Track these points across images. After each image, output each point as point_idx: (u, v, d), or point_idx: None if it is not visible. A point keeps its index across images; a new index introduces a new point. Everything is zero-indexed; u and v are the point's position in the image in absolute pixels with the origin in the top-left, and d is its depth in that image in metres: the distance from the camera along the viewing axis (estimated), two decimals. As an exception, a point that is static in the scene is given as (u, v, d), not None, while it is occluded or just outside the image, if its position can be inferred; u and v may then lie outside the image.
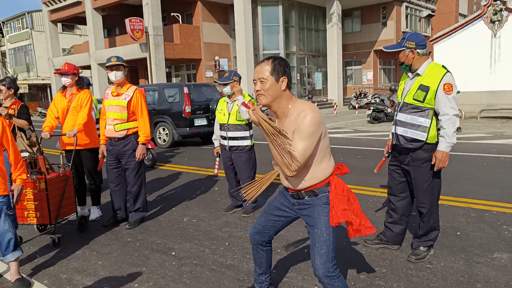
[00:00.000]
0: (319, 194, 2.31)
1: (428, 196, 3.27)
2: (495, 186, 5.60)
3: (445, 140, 3.11)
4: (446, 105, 3.08)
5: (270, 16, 24.42)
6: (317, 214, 2.31)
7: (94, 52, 26.27)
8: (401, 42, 3.22)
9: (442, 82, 3.08)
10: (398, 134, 3.31)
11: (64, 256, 3.76)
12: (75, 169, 4.54)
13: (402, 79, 3.46)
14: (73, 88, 4.51)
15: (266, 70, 2.20)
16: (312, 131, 2.14)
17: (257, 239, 2.64)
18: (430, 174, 3.23)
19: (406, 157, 3.31)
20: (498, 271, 3.13)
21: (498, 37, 15.28)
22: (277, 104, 2.26)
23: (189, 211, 5.05)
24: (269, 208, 2.61)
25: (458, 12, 34.04)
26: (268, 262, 2.74)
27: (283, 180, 2.42)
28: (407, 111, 3.25)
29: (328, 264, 2.25)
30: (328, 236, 2.28)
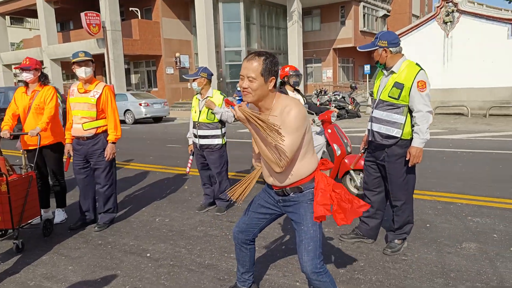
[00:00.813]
0: (304, 191, 2.30)
1: (402, 191, 3.36)
2: (456, 179, 5.88)
3: (419, 136, 3.20)
4: (420, 102, 3.17)
5: (231, 12, 24.34)
6: (303, 211, 2.30)
7: (46, 47, 25.04)
8: (374, 41, 3.29)
9: (416, 79, 3.17)
10: (373, 131, 3.38)
11: (29, 262, 3.55)
12: (38, 170, 4.30)
13: (378, 76, 3.53)
14: (35, 84, 4.26)
15: (256, 69, 2.12)
16: (298, 125, 2.13)
17: (240, 238, 2.61)
18: (404, 170, 3.32)
19: (382, 153, 3.38)
20: (468, 260, 3.28)
21: (450, 37, 16.07)
22: (262, 102, 2.23)
23: (161, 211, 4.92)
24: (253, 206, 2.58)
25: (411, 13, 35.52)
26: (251, 261, 2.72)
27: (267, 177, 2.39)
28: (382, 108, 3.32)
29: (316, 260, 2.25)
30: (315, 232, 2.27)
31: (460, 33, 15.79)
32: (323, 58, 30.31)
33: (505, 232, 3.82)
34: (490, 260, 3.26)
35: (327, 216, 2.27)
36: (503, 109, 15.01)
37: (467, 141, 9.56)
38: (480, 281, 2.95)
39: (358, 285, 2.97)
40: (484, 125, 12.36)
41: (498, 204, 4.66)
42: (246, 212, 2.61)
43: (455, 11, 15.80)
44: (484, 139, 9.65)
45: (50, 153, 4.35)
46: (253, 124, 2.11)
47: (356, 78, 31.79)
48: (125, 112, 17.81)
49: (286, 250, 3.61)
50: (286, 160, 2.15)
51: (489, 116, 14.48)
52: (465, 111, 15.25)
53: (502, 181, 5.66)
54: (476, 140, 9.54)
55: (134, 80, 27.51)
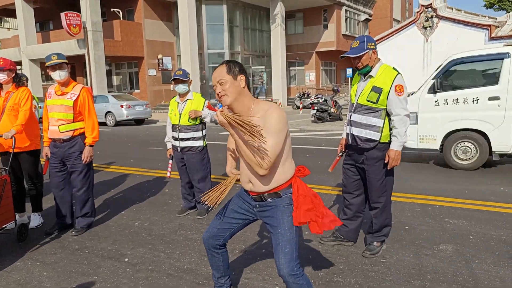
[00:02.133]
0: (283, 196, 2.32)
1: (381, 193, 3.40)
2: (435, 181, 5.98)
3: (398, 140, 3.24)
4: (398, 105, 3.22)
5: (214, 15, 24.30)
6: (280, 214, 2.31)
7: (25, 48, 24.50)
8: (361, 45, 3.26)
9: (394, 83, 3.21)
10: (353, 134, 3.40)
11: (2, 268, 3.44)
12: (13, 174, 4.18)
13: (354, 80, 3.56)
14: (10, 85, 4.15)
15: (223, 71, 2.23)
16: (280, 128, 2.16)
17: (211, 243, 2.58)
18: (383, 172, 3.36)
19: (361, 156, 3.41)
20: (445, 262, 3.33)
21: (429, 42, 16.40)
22: (240, 104, 2.24)
23: (140, 214, 4.85)
24: (226, 211, 2.57)
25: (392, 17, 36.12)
26: (225, 265, 2.69)
27: (245, 183, 2.39)
28: (361, 112, 3.34)
29: (293, 263, 2.25)
30: (292, 235, 2.28)
31: (439, 38, 16.14)
32: (306, 61, 30.52)
33: (480, 234, 3.89)
34: (466, 262, 3.31)
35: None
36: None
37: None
38: (456, 282, 2.99)
39: (337, 287, 2.98)
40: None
41: (474, 206, 4.75)
42: (217, 217, 2.60)
43: (434, 17, 16.14)
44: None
45: (26, 156, 4.25)
46: (235, 127, 2.12)
47: (338, 81, 32.10)
48: (106, 114, 17.57)
49: (266, 253, 3.60)
50: (269, 162, 2.16)
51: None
52: (444, 114, 15.55)
53: (478, 183, 5.78)
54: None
55: (115, 82, 27.16)
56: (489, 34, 15.15)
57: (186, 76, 4.47)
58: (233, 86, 2.21)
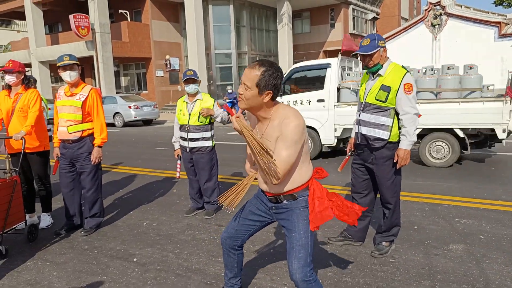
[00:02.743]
0: (298, 198, 2.27)
1: (391, 193, 3.37)
2: (444, 180, 5.92)
3: (407, 139, 3.21)
4: (407, 104, 3.18)
5: (221, 15, 24.31)
6: (295, 218, 2.26)
7: (34, 50, 24.77)
8: (373, 43, 3.21)
9: (402, 82, 3.18)
10: (362, 134, 3.38)
11: (13, 268, 3.48)
12: (23, 174, 4.23)
13: (362, 80, 3.53)
14: (19, 87, 4.19)
15: (253, 79, 2.06)
16: (297, 139, 2.07)
17: (229, 243, 2.57)
18: (392, 172, 3.33)
19: (370, 156, 3.39)
20: (455, 262, 3.29)
21: (438, 40, 16.24)
22: (257, 109, 2.17)
23: (148, 214, 4.87)
24: (244, 213, 2.54)
25: (400, 15, 35.87)
26: (239, 266, 2.69)
27: (261, 183, 2.36)
28: (369, 111, 3.32)
29: (306, 269, 2.20)
30: (307, 240, 2.22)
31: (448, 36, 15.96)
32: (313, 61, 30.42)
33: (491, 234, 3.84)
34: (476, 262, 3.28)
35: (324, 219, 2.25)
36: (491, 111, 15.16)
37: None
38: (466, 282, 2.96)
39: (346, 287, 2.96)
40: (472, 127, 12.46)
41: (485, 205, 4.70)
42: (236, 217, 2.57)
43: (443, 14, 15.98)
44: (471, 141, 9.73)
45: (35, 157, 4.29)
46: (243, 137, 2.09)
47: (346, 81, 31.93)
48: (114, 115, 17.68)
49: (274, 254, 3.59)
50: (282, 173, 2.10)
51: (476, 117, 14.62)
52: (453, 113, 15.39)
53: (489, 183, 5.71)
54: (464, 142, 9.62)
55: (123, 83, 27.32)
56: (498, 31, 14.96)
57: (197, 76, 4.49)
58: (254, 98, 2.09)
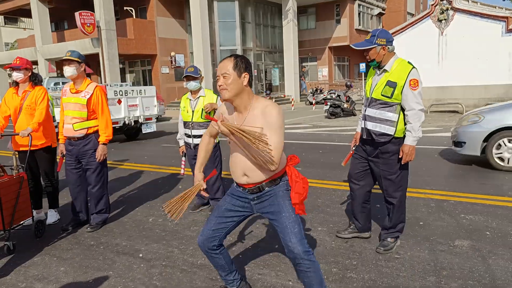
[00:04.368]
0: (280, 183, 2.43)
1: (397, 188, 3.37)
2: (450, 176, 5.89)
3: (412, 134, 3.21)
4: (412, 100, 3.18)
5: (226, 11, 24.25)
6: (281, 200, 2.41)
7: (41, 47, 24.88)
8: (371, 39, 3.24)
9: (408, 78, 3.17)
10: (367, 129, 3.38)
11: (20, 264, 3.52)
12: (30, 171, 4.26)
13: (369, 75, 3.53)
14: (26, 84, 4.23)
15: (229, 66, 2.29)
16: (281, 123, 2.27)
17: (207, 245, 2.58)
18: (398, 167, 3.33)
19: (375, 150, 3.39)
20: (461, 258, 3.28)
21: (445, 35, 16.10)
22: (239, 99, 2.34)
23: (154, 210, 4.90)
24: (219, 212, 2.60)
25: (406, 11, 35.59)
26: (228, 262, 2.70)
27: (239, 177, 2.46)
28: (375, 107, 3.32)
29: (304, 241, 2.34)
30: (296, 216, 2.39)
31: (454, 31, 15.83)
32: (319, 57, 30.30)
33: (497, 230, 3.82)
34: (482, 258, 3.26)
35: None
36: (498, 107, 15.03)
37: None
38: (472, 278, 2.95)
39: (351, 283, 2.96)
40: (479, 123, 12.37)
41: (491, 201, 4.67)
42: (210, 219, 2.61)
43: (449, 9, 15.83)
44: (478, 137, 9.66)
45: (42, 154, 4.32)
46: (238, 137, 2.21)
47: (351, 77, 31.81)
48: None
49: (279, 249, 3.59)
50: (278, 157, 2.26)
51: (483, 113, 14.50)
52: (460, 108, 15.28)
53: (495, 179, 5.67)
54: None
55: (129, 80, 27.39)
56: (506, 26, 14.81)
57: (197, 73, 4.48)
58: (235, 82, 2.29)
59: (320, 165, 6.99)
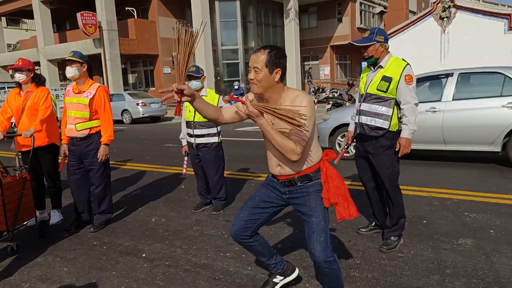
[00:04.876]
0: (313, 179, 2.35)
1: (391, 182, 3.44)
2: (453, 175, 5.87)
3: (408, 127, 3.32)
4: (408, 94, 3.29)
5: (228, 11, 24.25)
6: (313, 203, 2.35)
7: (43, 48, 24.97)
8: (370, 36, 3.33)
9: (403, 73, 3.29)
10: (362, 123, 3.46)
11: (24, 264, 3.53)
12: (33, 171, 4.27)
13: (364, 72, 3.63)
14: (29, 85, 4.23)
15: (261, 61, 2.19)
16: (312, 112, 2.20)
17: (239, 236, 2.55)
18: (392, 161, 3.41)
19: (369, 145, 3.47)
20: (465, 256, 3.27)
21: (447, 33, 16.05)
22: (270, 93, 2.27)
23: (157, 210, 4.90)
24: (252, 202, 2.56)
25: (408, 9, 35.51)
26: (266, 247, 2.67)
27: (273, 168, 2.42)
28: (370, 101, 3.42)
29: (327, 250, 2.31)
30: (326, 224, 2.34)
31: (457, 29, 15.78)
32: (321, 56, 30.26)
33: (501, 228, 3.81)
34: (486, 256, 3.25)
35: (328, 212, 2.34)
36: (501, 104, 14.99)
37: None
38: (476, 277, 2.94)
39: (354, 282, 2.96)
40: (482, 121, 12.33)
41: (494, 199, 4.65)
42: (243, 209, 2.59)
43: (451, 7, 15.78)
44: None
45: (45, 154, 4.33)
46: (271, 115, 2.12)
47: (353, 75, 31.75)
48: (122, 112, 17.78)
49: (282, 248, 3.59)
50: (302, 147, 2.19)
51: (486, 111, 14.44)
52: (462, 106, 15.23)
53: (499, 177, 5.65)
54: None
55: (131, 80, 27.45)
56: (508, 23, 14.75)
57: (199, 72, 4.48)
58: (266, 78, 2.21)
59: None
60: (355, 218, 4.06)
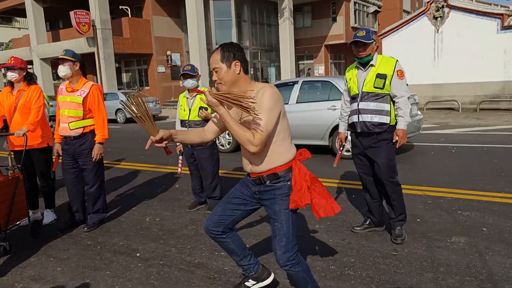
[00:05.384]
0: (281, 179, 2.31)
1: (393, 174, 3.55)
2: (447, 173, 5.91)
3: (404, 119, 3.47)
4: (402, 88, 3.47)
5: (222, 10, 24.21)
6: (277, 208, 2.33)
7: (36, 47, 24.77)
8: (368, 35, 3.42)
9: (395, 69, 3.46)
10: (365, 121, 3.53)
11: (17, 264, 3.50)
12: (26, 171, 4.23)
13: (350, 72, 3.68)
14: (21, 83, 4.20)
15: (217, 60, 2.24)
16: (272, 105, 2.17)
17: (211, 230, 2.56)
18: (393, 152, 3.56)
19: (371, 141, 3.55)
20: (458, 254, 3.29)
21: (440, 32, 16.15)
22: (237, 88, 2.26)
23: (151, 210, 4.88)
24: (228, 198, 2.58)
25: (402, 8, 35.64)
26: (239, 246, 2.65)
27: (245, 166, 2.42)
28: (369, 99, 3.51)
29: (288, 254, 2.32)
30: (288, 229, 2.32)
31: (450, 28, 15.88)
32: (315, 55, 30.32)
33: (494, 226, 3.84)
34: (479, 254, 3.27)
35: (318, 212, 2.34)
36: (493, 103, 15.13)
37: (458, 135, 9.62)
38: (469, 274, 2.96)
39: (349, 281, 2.97)
40: (475, 120, 12.44)
41: (487, 198, 4.69)
42: (219, 204, 2.62)
43: (445, 6, 15.88)
44: (474, 133, 9.72)
45: (38, 154, 4.29)
46: (226, 103, 2.12)
47: (348, 75, 31.79)
48: (116, 111, 17.70)
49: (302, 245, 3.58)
50: (260, 138, 2.15)
51: (479, 110, 14.58)
52: (456, 106, 15.34)
53: (492, 175, 5.69)
54: (467, 135, 9.60)
55: (125, 79, 27.32)
56: (501, 23, 14.86)
57: (194, 71, 4.47)
58: (228, 74, 2.24)
59: (314, 163, 6.99)
60: (350, 217, 4.14)
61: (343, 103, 3.85)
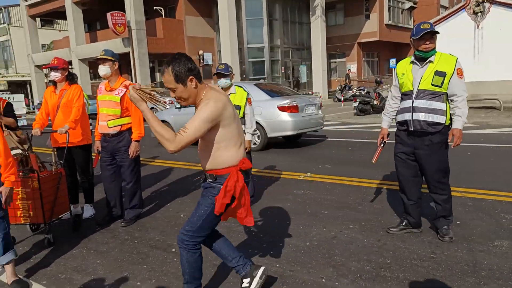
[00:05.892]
0: (217, 181, 2.45)
1: (447, 176, 3.51)
2: (488, 175, 5.69)
3: (461, 119, 3.37)
4: (461, 87, 3.36)
5: (254, 9, 24.27)
6: (202, 201, 2.52)
7: (75, 48, 25.72)
8: (432, 27, 3.34)
9: (456, 67, 3.34)
10: (419, 120, 3.43)
11: (60, 256, 3.65)
12: (68, 167, 4.40)
13: (404, 69, 3.53)
14: (63, 83, 4.37)
15: (170, 81, 2.28)
16: (204, 116, 2.24)
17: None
18: (447, 155, 3.49)
19: (423, 141, 3.46)
20: (501, 258, 3.16)
21: (481, 28, 15.53)
22: (198, 99, 2.37)
23: (185, 206, 4.97)
24: None
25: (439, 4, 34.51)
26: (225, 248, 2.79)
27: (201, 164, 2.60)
28: (425, 97, 3.41)
29: (184, 237, 2.49)
30: (197, 220, 2.48)
31: (491, 24, 15.24)
32: (347, 53, 29.87)
33: (540, 230, 3.66)
34: (524, 259, 3.13)
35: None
36: (538, 102, 14.40)
37: (500, 135, 9.22)
38: (513, 280, 2.83)
39: (385, 282, 2.91)
40: (517, 119, 11.90)
41: (532, 200, 4.47)
42: None
43: (485, 1, 15.25)
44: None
45: (79, 151, 4.46)
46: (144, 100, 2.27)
47: (381, 73, 31.16)
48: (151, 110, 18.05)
49: (310, 246, 3.57)
50: (181, 141, 2.23)
51: (522, 109, 13.92)
52: (497, 104, 14.71)
53: (536, 177, 5.42)
54: (509, 135, 9.19)
55: (159, 79, 27.89)
56: (546, 17, 14.12)
57: (228, 70, 4.51)
58: (185, 91, 2.32)
59: (349, 163, 6.89)
60: (385, 217, 4.05)
61: (390, 99, 3.75)
